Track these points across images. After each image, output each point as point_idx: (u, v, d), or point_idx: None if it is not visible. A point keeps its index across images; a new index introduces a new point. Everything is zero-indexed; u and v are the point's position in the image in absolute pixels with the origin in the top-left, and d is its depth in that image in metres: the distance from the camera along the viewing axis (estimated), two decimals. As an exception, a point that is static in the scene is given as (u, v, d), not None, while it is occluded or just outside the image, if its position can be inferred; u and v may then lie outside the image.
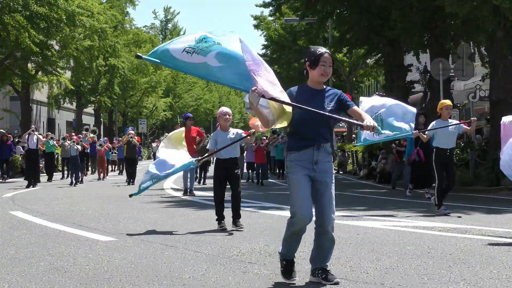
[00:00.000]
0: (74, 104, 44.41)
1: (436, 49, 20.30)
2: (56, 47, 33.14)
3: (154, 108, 59.70)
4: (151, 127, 61.71)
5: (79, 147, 20.52)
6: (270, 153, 24.73)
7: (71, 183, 19.40)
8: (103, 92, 44.48)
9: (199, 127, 18.10)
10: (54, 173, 25.10)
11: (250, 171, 21.34)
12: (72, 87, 37.60)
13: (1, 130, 26.77)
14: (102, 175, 23.70)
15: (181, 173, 22.87)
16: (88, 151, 23.19)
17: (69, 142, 21.99)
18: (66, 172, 24.84)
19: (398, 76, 22.88)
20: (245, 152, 21.64)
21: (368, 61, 33.49)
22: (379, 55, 26.35)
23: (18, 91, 33.84)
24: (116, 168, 30.49)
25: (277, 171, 24.76)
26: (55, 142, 23.59)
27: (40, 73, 33.56)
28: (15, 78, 32.04)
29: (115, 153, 28.88)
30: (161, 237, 7.56)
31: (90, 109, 49.11)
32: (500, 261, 5.74)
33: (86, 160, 23.77)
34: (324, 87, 4.97)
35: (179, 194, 15.65)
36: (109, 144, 28.01)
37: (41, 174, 25.85)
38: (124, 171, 24.80)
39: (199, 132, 15.16)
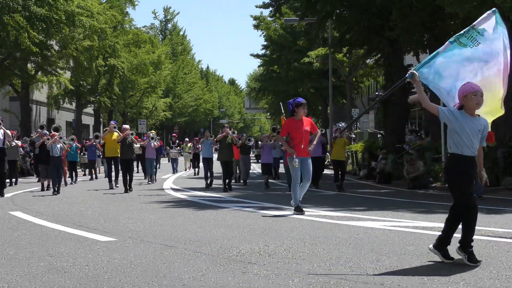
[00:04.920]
0: (74, 104, 44.42)
1: (436, 49, 20.27)
2: (56, 47, 33.14)
3: (153, 108, 59.71)
4: (150, 127, 61.73)
5: (65, 146, 17.11)
6: (273, 154, 22.21)
7: (53, 192, 15.73)
8: (102, 92, 44.47)
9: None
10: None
11: (265, 173, 18.75)
12: (72, 87, 37.59)
13: None
14: (64, 179, 18.86)
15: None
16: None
17: (21, 141, 20.51)
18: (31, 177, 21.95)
19: (398, 76, 22.87)
20: (261, 151, 19.57)
21: (367, 61, 33.50)
22: (379, 55, 26.36)
23: (18, 91, 33.86)
24: (87, 172, 25.28)
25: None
26: None
27: (39, 73, 33.57)
28: (15, 78, 32.06)
29: (84, 153, 24.70)
30: (161, 237, 7.55)
31: (89, 109, 49.10)
32: (500, 261, 5.73)
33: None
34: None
35: (179, 194, 15.64)
36: (77, 144, 22.66)
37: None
38: (104, 175, 22.79)
39: (312, 124, 10.77)
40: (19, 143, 22.11)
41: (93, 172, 23.97)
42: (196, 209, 11.32)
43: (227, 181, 16.90)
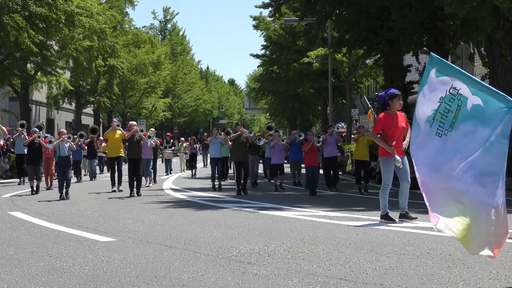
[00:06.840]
0: (73, 104, 44.44)
1: (436, 49, 20.29)
2: (56, 48, 33.16)
3: (153, 108, 59.72)
4: (150, 128, 61.81)
5: (73, 145, 15.48)
6: (265, 154, 21.21)
7: (60, 196, 14.11)
8: (102, 93, 44.50)
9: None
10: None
11: (276, 175, 17.32)
12: (71, 88, 37.62)
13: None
14: (49, 182, 17.75)
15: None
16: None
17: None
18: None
19: (398, 77, 22.89)
20: (272, 151, 17.81)
21: (367, 61, 33.48)
22: (378, 55, 26.35)
23: (18, 92, 33.87)
24: (73, 173, 23.70)
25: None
26: None
27: (39, 73, 33.58)
28: (15, 78, 32.06)
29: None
30: (160, 237, 7.55)
31: (89, 110, 49.12)
32: (499, 262, 5.73)
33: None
34: None
35: (178, 194, 15.63)
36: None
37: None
38: (89, 177, 21.97)
39: (406, 120, 9.49)
40: (1, 142, 21.09)
41: (78, 173, 22.43)
42: (196, 209, 11.32)
43: (242, 182, 15.60)
